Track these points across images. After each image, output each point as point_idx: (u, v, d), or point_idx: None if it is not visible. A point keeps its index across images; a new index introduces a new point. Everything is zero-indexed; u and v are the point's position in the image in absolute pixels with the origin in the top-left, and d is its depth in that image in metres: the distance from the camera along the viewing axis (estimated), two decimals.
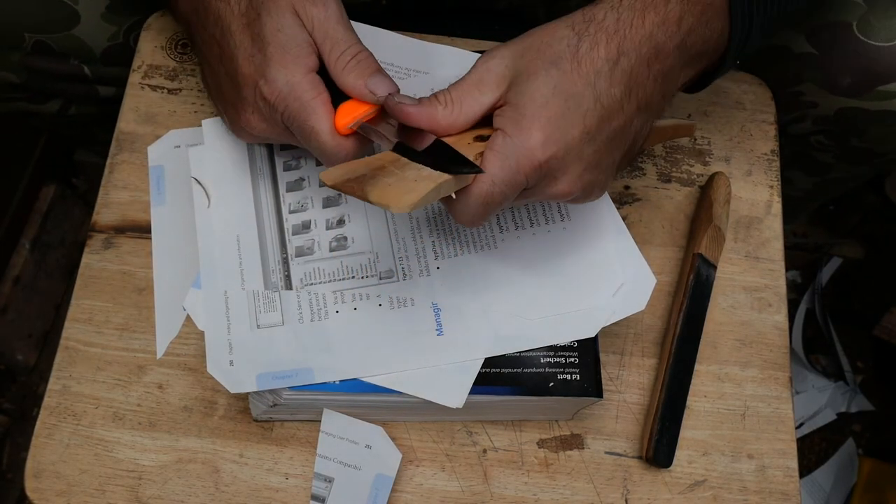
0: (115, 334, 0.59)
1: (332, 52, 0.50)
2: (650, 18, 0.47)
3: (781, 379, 0.62)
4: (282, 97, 0.50)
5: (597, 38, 0.46)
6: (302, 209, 0.58)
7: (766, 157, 0.69)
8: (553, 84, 0.46)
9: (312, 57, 0.50)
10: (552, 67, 0.46)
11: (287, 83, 0.49)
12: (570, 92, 0.46)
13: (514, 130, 0.46)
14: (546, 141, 0.45)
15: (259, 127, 0.53)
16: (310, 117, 0.49)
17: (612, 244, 0.57)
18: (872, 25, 0.63)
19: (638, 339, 0.62)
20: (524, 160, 0.45)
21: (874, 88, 0.65)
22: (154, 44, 0.67)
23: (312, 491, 0.55)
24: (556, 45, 0.47)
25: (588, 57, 0.46)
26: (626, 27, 0.46)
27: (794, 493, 0.59)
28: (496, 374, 0.54)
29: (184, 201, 0.59)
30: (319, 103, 0.49)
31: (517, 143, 0.45)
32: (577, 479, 0.58)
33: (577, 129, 0.46)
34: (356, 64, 0.50)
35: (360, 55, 0.50)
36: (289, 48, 0.50)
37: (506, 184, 0.46)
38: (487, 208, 0.46)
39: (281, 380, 0.52)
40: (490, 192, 0.46)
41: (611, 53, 0.46)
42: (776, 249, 0.66)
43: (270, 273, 0.55)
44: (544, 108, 0.46)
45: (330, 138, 0.49)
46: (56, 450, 0.56)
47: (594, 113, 0.46)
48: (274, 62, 0.50)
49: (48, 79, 0.73)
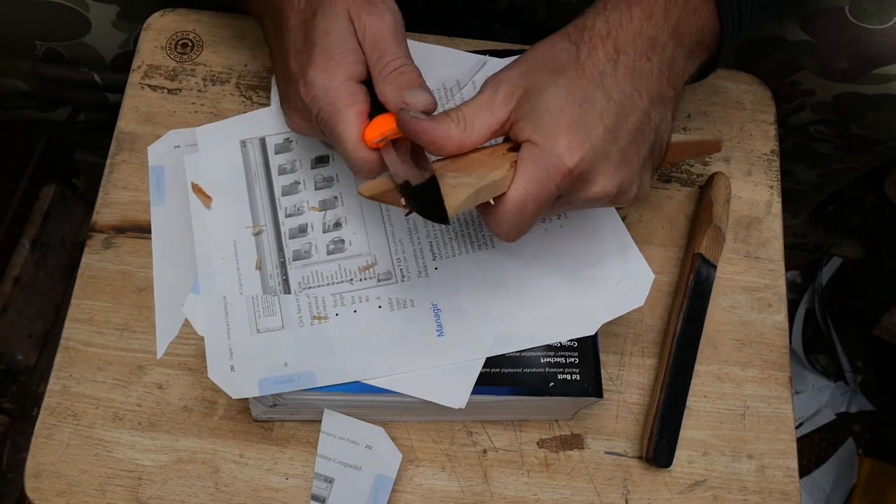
0: (115, 334, 0.59)
1: (378, 62, 0.50)
2: (636, 14, 0.48)
3: (781, 379, 0.62)
4: (316, 100, 0.50)
5: (593, 43, 0.48)
6: (298, 213, 0.58)
7: (766, 157, 0.69)
8: (564, 92, 0.47)
9: (358, 65, 0.50)
10: (559, 77, 0.47)
11: (323, 87, 0.49)
12: (581, 96, 0.47)
13: (538, 139, 0.46)
14: (570, 146, 0.46)
15: (300, 125, 0.54)
16: (338, 124, 0.49)
17: (610, 241, 0.57)
18: (865, 9, 0.63)
19: (638, 339, 0.62)
20: (553, 168, 0.46)
21: (870, 72, 0.65)
22: (154, 44, 0.67)
23: (313, 491, 0.55)
24: (558, 57, 0.48)
25: (589, 61, 0.48)
26: (616, 27, 0.48)
27: (794, 493, 0.59)
28: (496, 374, 0.54)
29: (184, 201, 0.59)
30: (352, 112, 0.49)
31: (544, 150, 0.46)
32: (577, 479, 0.58)
33: (598, 130, 0.47)
34: (398, 76, 0.49)
35: (405, 68, 0.49)
36: (333, 52, 0.49)
37: (538, 191, 0.46)
38: (523, 218, 0.47)
39: (282, 384, 0.52)
40: (523, 201, 0.46)
41: (609, 54, 0.48)
42: (776, 249, 0.66)
43: (268, 277, 0.55)
44: (561, 116, 0.46)
45: (355, 149, 0.49)
46: (56, 450, 0.56)
47: (609, 111, 0.47)
48: (316, 64, 0.49)
49: (58, 87, 0.73)
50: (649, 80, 0.49)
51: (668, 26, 0.49)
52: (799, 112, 0.75)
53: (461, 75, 0.62)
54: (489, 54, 0.64)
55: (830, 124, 0.75)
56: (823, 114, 0.74)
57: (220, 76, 0.67)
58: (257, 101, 0.66)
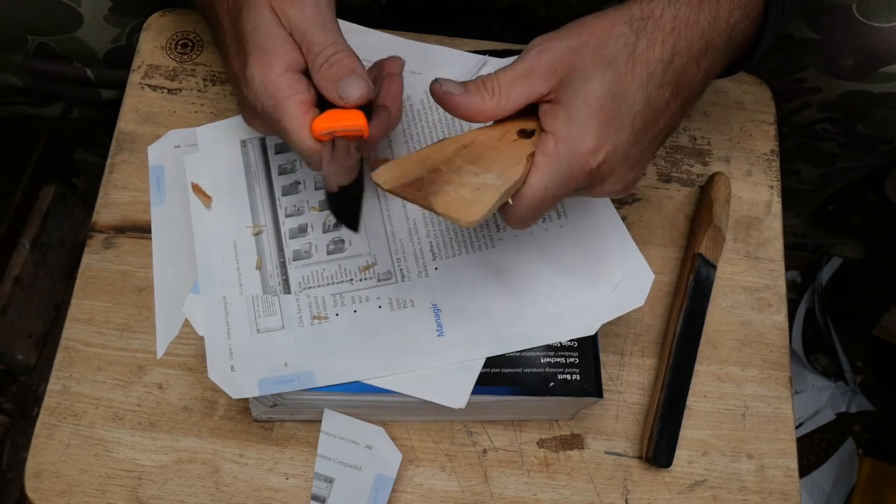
0: (115, 334, 0.59)
1: (308, 54, 0.49)
2: (704, 15, 0.47)
3: (781, 379, 0.62)
4: (257, 96, 0.49)
5: (654, 38, 0.46)
6: (298, 213, 0.58)
7: (766, 157, 0.69)
8: (608, 87, 0.46)
9: (293, 54, 0.49)
10: (608, 69, 0.46)
11: (261, 82, 0.48)
12: (623, 95, 0.46)
13: (566, 135, 0.46)
14: (598, 148, 0.46)
15: (255, 123, 0.53)
16: (282, 117, 0.48)
17: (610, 241, 0.57)
18: (872, 7, 0.63)
19: (638, 339, 0.62)
20: (577, 167, 0.46)
21: (877, 70, 0.65)
22: (154, 44, 0.67)
23: (313, 491, 0.55)
24: (613, 45, 0.46)
25: (643, 57, 0.46)
26: (683, 25, 0.46)
27: (793, 493, 0.59)
28: (496, 374, 0.54)
29: (184, 201, 0.59)
30: (293, 103, 0.48)
31: (571, 148, 0.45)
32: (577, 479, 0.58)
33: (626, 133, 0.46)
34: (328, 67, 0.48)
35: (335, 57, 0.48)
36: (266, 46, 0.48)
37: (558, 188, 0.46)
38: (539, 211, 0.47)
39: (283, 384, 0.52)
40: (544, 197, 0.46)
41: (665, 54, 0.46)
42: (776, 249, 0.66)
43: (268, 277, 0.55)
44: (597, 113, 0.45)
45: (299, 140, 0.48)
46: (56, 450, 0.56)
47: (643, 115, 0.46)
48: (252, 61, 0.49)
49: (50, 82, 0.73)
50: (690, 86, 0.48)
51: (726, 31, 0.47)
52: (804, 110, 0.75)
53: (461, 76, 0.62)
54: (489, 54, 0.64)
55: (836, 123, 0.75)
56: (829, 112, 0.73)
57: (221, 76, 0.67)
58: None
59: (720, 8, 0.47)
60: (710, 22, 0.47)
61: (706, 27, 0.46)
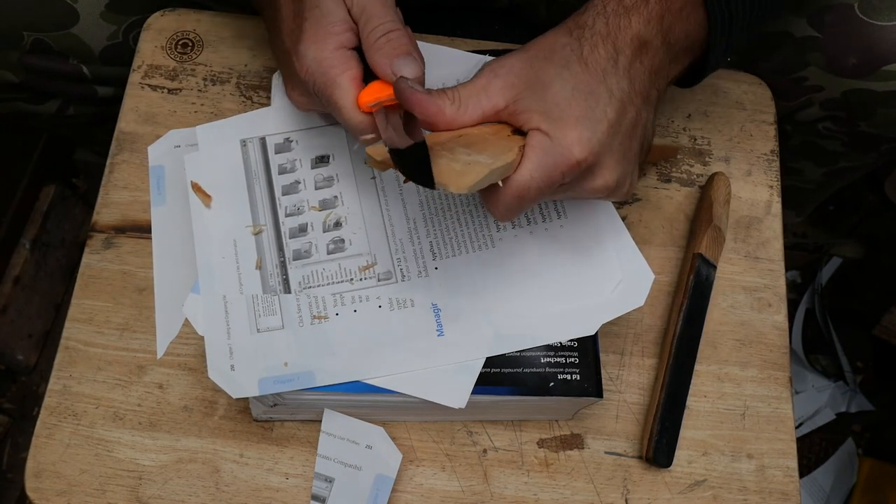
0: (115, 334, 0.59)
1: (364, 28, 0.50)
2: (635, 19, 0.50)
3: (781, 379, 0.62)
4: (310, 72, 0.50)
5: (594, 41, 0.49)
6: (298, 212, 0.58)
7: (766, 157, 0.69)
8: (571, 86, 0.48)
9: (347, 34, 0.50)
10: (564, 70, 0.48)
11: (314, 58, 0.50)
12: (587, 91, 0.48)
13: (547, 129, 0.48)
14: (580, 139, 0.47)
15: (300, 101, 0.55)
16: (333, 92, 0.50)
17: (610, 241, 0.57)
18: (874, 6, 0.63)
19: (638, 339, 0.62)
20: (561, 158, 0.47)
21: (879, 69, 0.65)
22: (154, 44, 0.67)
23: (313, 491, 0.55)
24: (561, 52, 0.49)
25: (592, 57, 0.49)
26: (616, 29, 0.50)
27: (793, 492, 0.59)
28: (496, 374, 0.54)
29: (184, 201, 0.59)
30: (346, 78, 0.50)
31: (552, 142, 0.47)
32: (577, 479, 0.58)
33: (604, 124, 0.48)
34: (385, 42, 0.50)
35: (392, 34, 0.50)
36: (322, 23, 0.50)
37: (543, 179, 0.47)
38: (521, 202, 0.48)
39: (282, 384, 0.52)
40: (527, 186, 0.47)
41: (609, 52, 0.49)
42: (776, 249, 0.66)
43: (268, 277, 0.55)
44: (570, 108, 0.48)
45: (350, 113, 0.50)
46: (56, 450, 0.56)
47: (612, 106, 0.49)
48: (306, 37, 0.50)
49: (47, 78, 0.73)
50: (641, 80, 0.50)
51: (661, 33, 0.50)
52: (806, 108, 0.75)
53: (461, 75, 0.62)
54: (489, 54, 0.64)
55: (839, 121, 0.75)
56: (832, 110, 0.74)
57: (221, 76, 0.67)
58: (258, 101, 0.66)
59: (650, 12, 0.50)
60: (643, 24, 0.50)
61: (639, 29, 0.50)
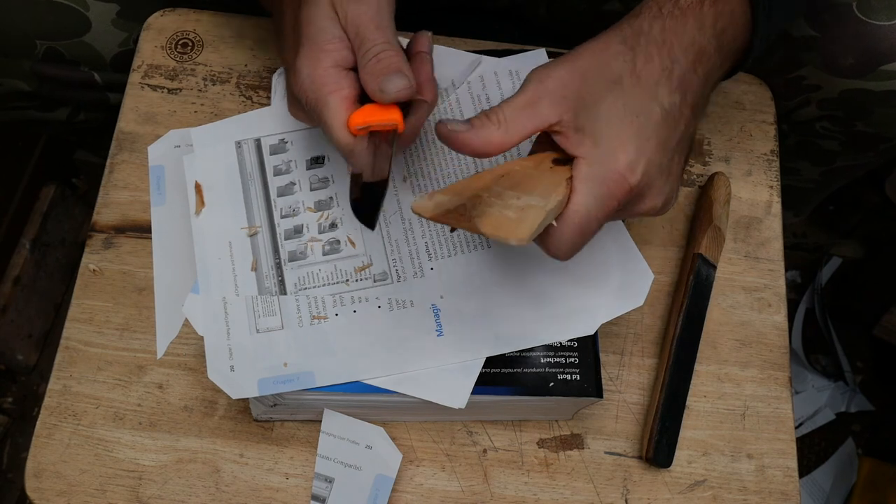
0: (115, 334, 0.59)
1: (358, 50, 0.50)
2: (690, 24, 0.47)
3: (781, 379, 0.62)
4: (303, 88, 0.50)
5: (649, 51, 0.47)
6: (293, 214, 0.58)
7: (766, 157, 0.69)
8: (622, 103, 0.46)
9: (343, 52, 0.50)
10: (615, 87, 0.46)
11: (308, 75, 0.49)
12: (639, 108, 0.46)
13: (597, 157, 0.45)
14: (632, 163, 0.45)
15: (298, 114, 0.55)
16: (323, 111, 0.49)
17: (610, 241, 0.56)
18: (872, 5, 0.63)
19: (638, 339, 0.62)
20: (615, 185, 0.45)
21: (877, 68, 0.65)
22: (154, 44, 0.67)
23: (313, 491, 0.55)
24: (614, 63, 0.47)
25: (646, 70, 0.47)
26: (672, 35, 0.47)
27: (793, 492, 0.59)
28: (496, 374, 0.54)
29: (184, 201, 0.59)
30: (336, 98, 0.49)
31: (605, 169, 0.45)
32: (577, 479, 0.58)
33: (653, 143, 0.46)
34: (375, 63, 0.49)
35: (383, 54, 0.49)
36: (317, 40, 0.50)
37: (600, 210, 0.45)
38: (584, 237, 0.46)
39: (282, 384, 0.52)
40: (587, 220, 0.45)
41: (665, 64, 0.47)
42: (776, 249, 0.66)
43: (264, 278, 0.55)
44: (621, 129, 0.46)
45: (340, 134, 0.49)
46: (56, 450, 0.56)
47: (663, 124, 0.47)
48: (302, 53, 0.50)
49: (59, 86, 0.73)
50: (693, 90, 0.48)
51: (714, 38, 0.48)
52: (804, 108, 0.75)
53: (456, 75, 0.62)
54: (489, 54, 0.63)
55: (836, 121, 0.75)
56: (829, 110, 0.73)
57: (221, 76, 0.67)
58: (257, 101, 0.66)
59: (704, 17, 0.48)
60: (698, 30, 0.47)
61: (695, 35, 0.47)
